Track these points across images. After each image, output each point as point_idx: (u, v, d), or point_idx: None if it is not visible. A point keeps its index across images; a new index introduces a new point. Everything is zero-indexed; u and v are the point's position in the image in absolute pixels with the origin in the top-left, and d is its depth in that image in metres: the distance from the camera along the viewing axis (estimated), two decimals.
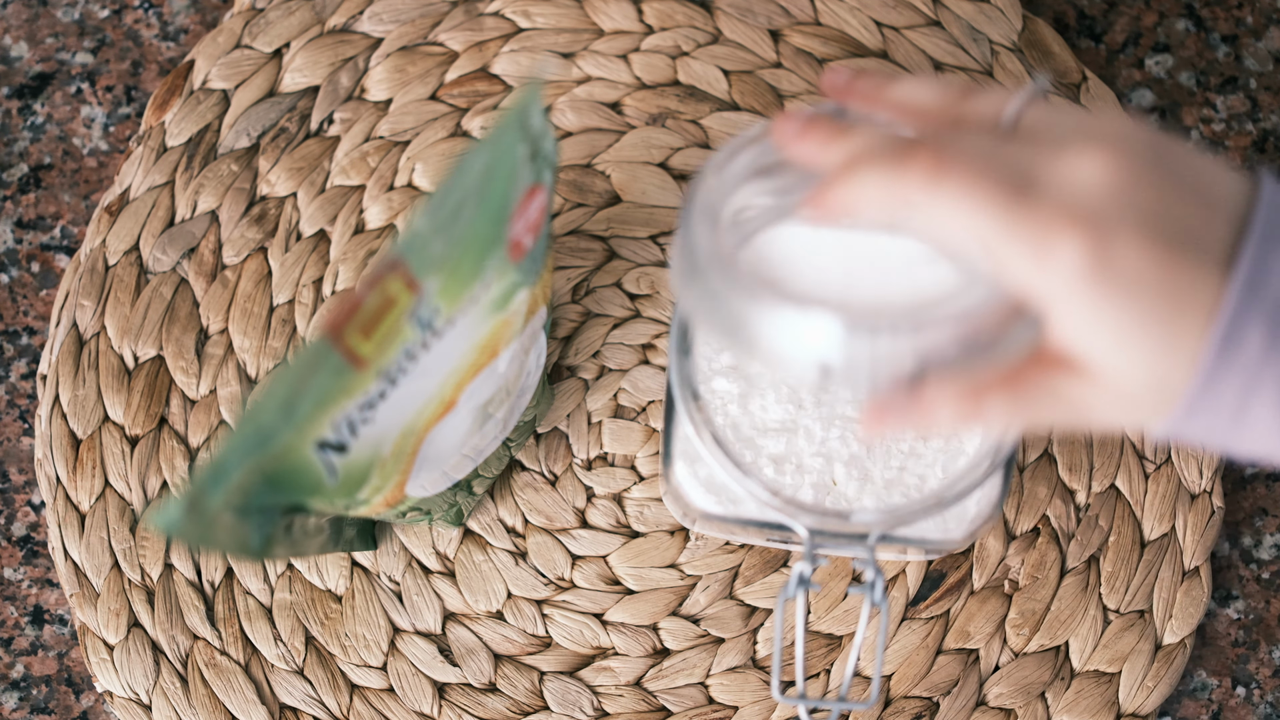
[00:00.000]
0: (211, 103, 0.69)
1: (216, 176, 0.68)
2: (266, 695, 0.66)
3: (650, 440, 0.67)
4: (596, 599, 0.66)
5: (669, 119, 0.69)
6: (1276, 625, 0.67)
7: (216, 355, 0.67)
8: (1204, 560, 0.66)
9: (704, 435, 0.54)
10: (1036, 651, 0.66)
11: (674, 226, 0.68)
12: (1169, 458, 0.67)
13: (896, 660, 0.66)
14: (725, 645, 0.66)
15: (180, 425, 0.67)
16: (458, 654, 0.66)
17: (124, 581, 0.66)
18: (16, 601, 0.67)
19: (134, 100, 0.70)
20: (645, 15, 0.69)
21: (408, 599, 0.66)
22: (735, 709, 0.66)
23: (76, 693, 0.67)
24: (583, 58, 0.69)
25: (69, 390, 0.67)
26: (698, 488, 0.57)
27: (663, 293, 0.68)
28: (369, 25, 0.69)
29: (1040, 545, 0.66)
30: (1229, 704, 0.66)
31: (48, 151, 0.69)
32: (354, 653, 0.66)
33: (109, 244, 0.68)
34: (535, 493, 0.67)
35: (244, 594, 0.66)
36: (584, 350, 0.67)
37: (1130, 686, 0.65)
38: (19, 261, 0.69)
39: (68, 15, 0.70)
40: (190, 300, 0.68)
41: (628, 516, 0.67)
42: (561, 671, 0.66)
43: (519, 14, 0.69)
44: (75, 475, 0.66)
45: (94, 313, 0.67)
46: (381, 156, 0.68)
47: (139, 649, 0.66)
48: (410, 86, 0.69)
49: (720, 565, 0.66)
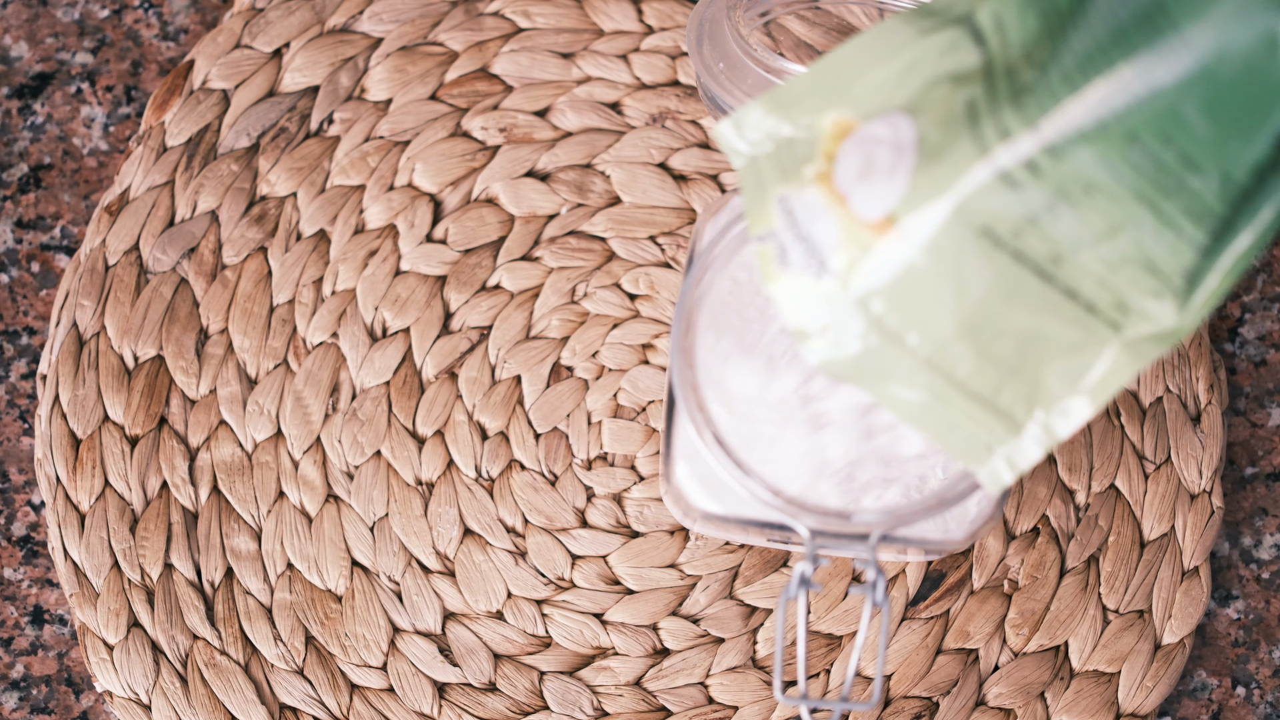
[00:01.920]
0: (211, 103, 0.69)
1: (216, 176, 0.68)
2: (266, 695, 0.66)
3: (650, 440, 0.67)
4: (596, 599, 0.66)
5: (669, 119, 0.69)
6: (1276, 625, 0.67)
7: (216, 355, 0.67)
8: (1204, 560, 0.66)
9: (705, 435, 0.54)
10: (1036, 651, 0.66)
11: (674, 226, 0.68)
12: (1169, 458, 0.67)
13: (896, 660, 0.66)
14: (725, 645, 0.66)
15: (180, 425, 0.67)
16: (458, 654, 0.66)
17: (124, 581, 0.66)
18: (16, 601, 0.67)
19: (134, 100, 0.70)
20: (645, 15, 0.69)
21: (407, 599, 0.66)
22: (735, 709, 0.66)
23: (76, 693, 0.67)
24: (583, 58, 0.69)
25: (69, 390, 0.67)
26: (698, 488, 0.57)
27: (663, 293, 0.68)
28: (369, 25, 0.69)
29: (1040, 545, 0.66)
30: (1229, 704, 0.66)
31: (48, 151, 0.69)
32: (354, 653, 0.66)
33: (109, 244, 0.68)
34: (535, 493, 0.67)
35: (244, 594, 0.66)
36: (584, 350, 0.67)
37: (1130, 686, 0.66)
38: (19, 261, 0.69)
39: (68, 15, 0.70)
40: (190, 300, 0.68)
41: (628, 516, 0.67)
42: (561, 671, 0.66)
43: (519, 14, 0.69)
44: (75, 475, 0.66)
45: (94, 313, 0.67)
46: (381, 156, 0.68)
47: (139, 649, 0.66)
48: (410, 86, 0.69)
49: (720, 565, 0.66)
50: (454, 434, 0.67)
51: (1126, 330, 0.46)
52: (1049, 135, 0.45)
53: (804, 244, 0.48)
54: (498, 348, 0.67)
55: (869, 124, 0.48)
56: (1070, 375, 0.47)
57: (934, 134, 0.46)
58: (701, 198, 0.68)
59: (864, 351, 0.48)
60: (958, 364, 0.48)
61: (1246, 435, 0.68)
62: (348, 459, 0.67)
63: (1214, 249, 0.45)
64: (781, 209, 0.49)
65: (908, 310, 0.48)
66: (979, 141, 0.46)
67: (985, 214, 0.46)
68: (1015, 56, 0.46)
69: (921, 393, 0.48)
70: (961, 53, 0.47)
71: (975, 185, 0.46)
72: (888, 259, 0.47)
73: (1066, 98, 0.45)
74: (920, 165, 0.46)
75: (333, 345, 0.67)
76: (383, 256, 0.68)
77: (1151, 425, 0.67)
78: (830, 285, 0.48)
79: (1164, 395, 0.67)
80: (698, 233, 0.60)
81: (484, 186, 0.68)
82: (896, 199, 0.47)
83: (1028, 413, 0.48)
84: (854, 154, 0.48)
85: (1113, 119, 0.44)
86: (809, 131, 0.48)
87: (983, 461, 0.49)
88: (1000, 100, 0.46)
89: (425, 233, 0.68)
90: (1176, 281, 0.45)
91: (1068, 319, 0.47)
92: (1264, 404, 0.68)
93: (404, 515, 0.66)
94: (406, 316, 0.67)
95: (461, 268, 0.68)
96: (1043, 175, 0.45)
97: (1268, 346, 0.68)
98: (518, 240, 0.68)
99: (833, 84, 0.48)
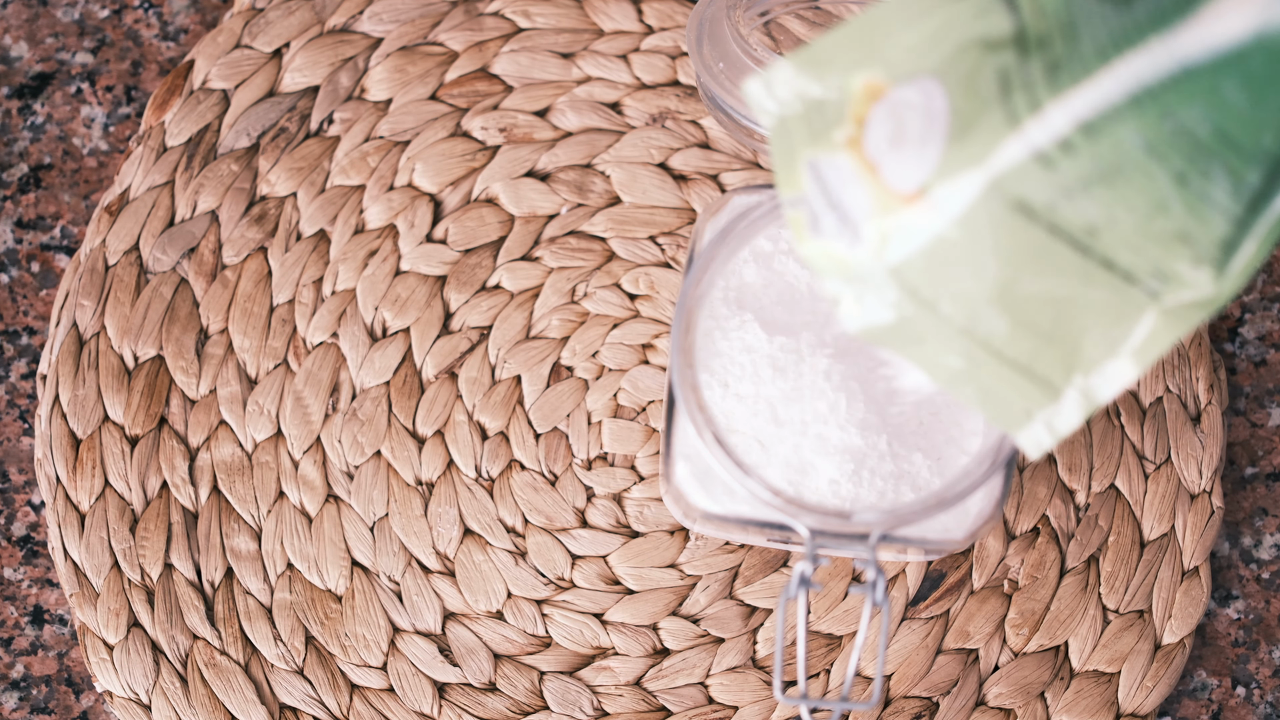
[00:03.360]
0: (211, 103, 0.69)
1: (216, 176, 0.68)
2: (266, 695, 0.66)
3: (650, 440, 0.67)
4: (596, 599, 0.66)
5: (669, 119, 0.69)
6: (1276, 625, 0.67)
7: (216, 355, 0.67)
8: (1204, 560, 0.66)
9: (705, 435, 0.54)
10: (1036, 651, 0.66)
11: (674, 226, 0.68)
12: (1169, 458, 0.67)
13: (896, 660, 0.66)
14: (725, 645, 0.66)
15: (180, 425, 0.67)
16: (458, 654, 0.66)
17: (124, 581, 0.66)
18: (16, 601, 0.67)
19: (134, 100, 0.70)
20: (645, 15, 0.69)
21: (407, 599, 0.66)
22: (735, 709, 0.66)
23: (76, 693, 0.67)
24: (583, 58, 0.69)
25: (69, 390, 0.67)
26: (698, 488, 0.57)
27: (663, 293, 0.68)
28: (369, 25, 0.69)
29: (1040, 545, 0.66)
30: (1229, 704, 0.66)
31: (48, 151, 0.69)
32: (354, 653, 0.66)
33: (109, 244, 0.68)
34: (535, 493, 0.67)
35: (244, 594, 0.66)
36: (584, 350, 0.67)
37: (1130, 686, 0.66)
38: (19, 261, 0.69)
39: (68, 15, 0.70)
40: (190, 300, 0.68)
41: (628, 516, 0.67)
42: (561, 671, 0.66)
43: (519, 14, 0.69)
44: (75, 475, 0.66)
45: (94, 313, 0.67)
46: (381, 156, 0.68)
47: (139, 649, 0.66)
48: (410, 86, 0.69)
49: (720, 565, 0.66)
50: (454, 434, 0.67)
51: (1165, 298, 0.46)
52: (1082, 111, 0.45)
53: (835, 211, 0.48)
54: (498, 348, 0.67)
55: (900, 88, 0.47)
56: (1110, 341, 0.47)
57: (964, 102, 0.46)
58: (701, 198, 0.68)
59: (899, 319, 0.48)
60: (993, 332, 0.47)
61: (1246, 435, 0.68)
62: (348, 459, 0.67)
63: (1247, 220, 0.45)
64: (811, 173, 0.48)
65: (941, 280, 0.47)
66: (1010, 113, 0.45)
67: (1020, 190, 0.46)
68: (1050, 26, 0.46)
69: (958, 359, 0.48)
70: (994, 17, 0.46)
71: (1010, 163, 0.45)
72: (920, 229, 0.47)
73: (1099, 71, 0.44)
74: (952, 135, 0.46)
75: (333, 345, 0.67)
76: (383, 256, 0.68)
77: (1151, 425, 0.67)
78: (863, 254, 0.48)
79: (1164, 395, 0.67)
80: (698, 233, 0.60)
81: (484, 186, 0.68)
82: (929, 171, 0.46)
83: (1066, 378, 0.48)
84: (885, 120, 0.47)
85: (1147, 95, 0.44)
86: (839, 93, 0.48)
87: (1021, 426, 0.48)
88: (1032, 70, 0.45)
89: (425, 233, 0.68)
90: (1213, 251, 0.45)
91: (1105, 288, 0.46)
92: (1264, 404, 0.68)
93: (404, 515, 0.66)
94: (406, 316, 0.67)
95: (461, 268, 0.68)
96: (1078, 154, 0.45)
97: (1268, 346, 0.68)
98: (518, 240, 0.68)
99: (864, 43, 0.47)
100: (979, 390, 0.48)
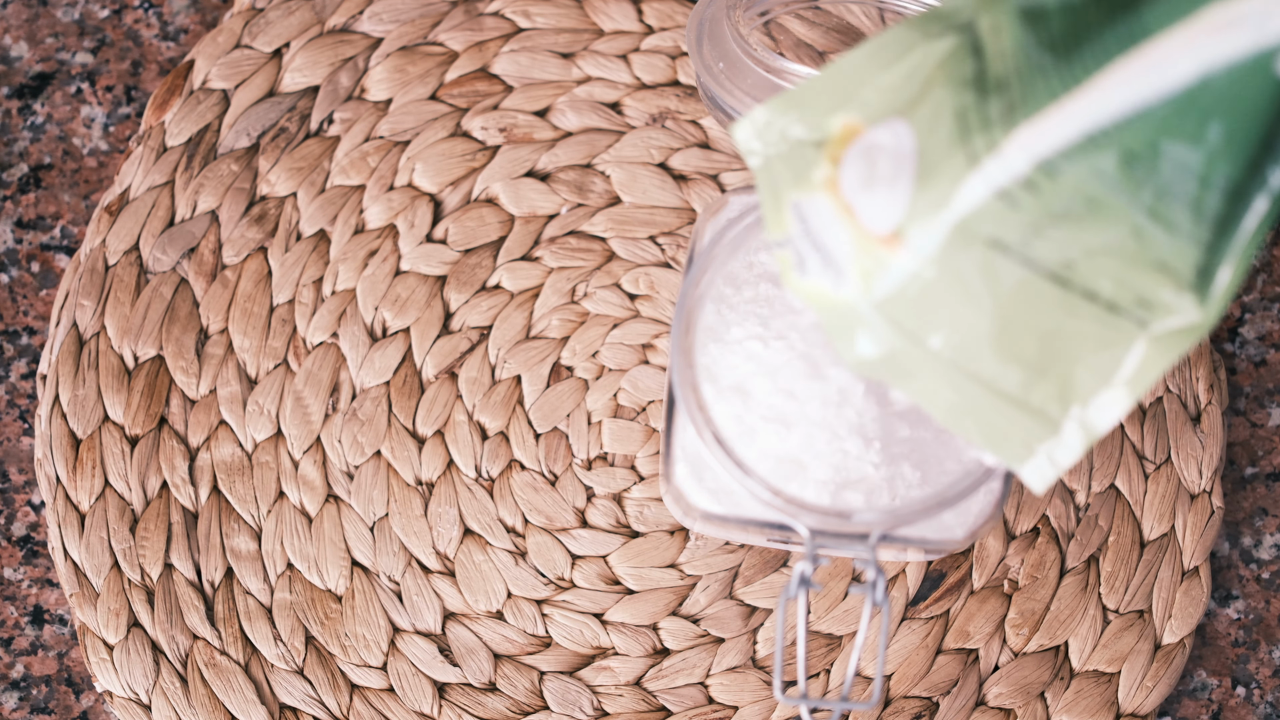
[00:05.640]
0: (211, 103, 0.69)
1: (216, 176, 0.68)
2: (266, 695, 0.66)
3: (650, 440, 0.67)
4: (596, 599, 0.66)
5: (669, 119, 0.69)
6: (1276, 625, 0.67)
7: (216, 355, 0.67)
8: (1204, 560, 0.66)
9: (705, 435, 0.54)
10: (1036, 651, 0.66)
11: (674, 226, 0.68)
12: (1169, 458, 0.67)
13: (896, 660, 0.66)
14: (725, 645, 0.66)
15: (180, 425, 0.67)
16: (458, 654, 0.66)
17: (124, 581, 0.66)
18: (16, 601, 0.67)
19: (134, 100, 0.70)
20: (645, 15, 0.69)
21: (407, 599, 0.66)
22: (735, 709, 0.66)
23: (76, 693, 0.67)
24: (582, 58, 0.69)
25: (69, 390, 0.67)
26: (698, 488, 0.57)
27: (663, 293, 0.68)
28: (369, 25, 0.69)
29: (1040, 545, 0.66)
30: (1229, 704, 0.66)
31: (48, 151, 0.69)
32: (354, 652, 0.66)
33: (109, 244, 0.68)
34: (535, 492, 0.67)
35: (244, 594, 0.66)
36: (584, 350, 0.67)
37: (1130, 686, 0.66)
38: (19, 261, 0.69)
39: (68, 15, 0.70)
40: (190, 300, 0.68)
41: (628, 516, 0.67)
42: (561, 671, 0.66)
43: (519, 14, 0.69)
44: (75, 475, 0.66)
45: (94, 313, 0.67)
46: (381, 156, 0.68)
47: (139, 649, 0.66)
48: (410, 86, 0.69)
49: (720, 565, 0.66)
50: (454, 434, 0.67)
51: (1153, 326, 0.47)
52: (1040, 150, 0.46)
53: (819, 253, 0.48)
54: (498, 348, 0.67)
55: (873, 130, 0.48)
56: (1102, 371, 0.47)
57: (930, 143, 0.47)
58: (701, 198, 0.68)
59: (890, 353, 0.49)
60: (983, 366, 0.48)
61: (1246, 435, 0.68)
62: (348, 459, 0.67)
63: (1218, 244, 0.45)
64: (796, 214, 0.49)
65: (927, 316, 0.48)
66: (970, 154, 0.46)
67: (989, 230, 0.46)
68: (1007, 69, 0.46)
69: (952, 392, 0.49)
70: (960, 61, 0.47)
71: (973, 204, 0.46)
72: (899, 269, 0.47)
73: (1051, 110, 0.45)
74: (919, 176, 0.47)
75: (333, 345, 0.67)
76: (383, 256, 0.68)
77: (1151, 425, 0.67)
78: (849, 291, 0.48)
79: (1164, 395, 0.67)
80: (698, 233, 0.60)
81: (484, 186, 0.68)
82: (901, 213, 0.47)
83: (1063, 410, 0.48)
84: (858, 161, 0.48)
85: (1101, 135, 0.45)
86: (818, 134, 0.48)
87: (1023, 460, 0.49)
88: (990, 113, 0.46)
89: (425, 233, 0.68)
90: (1191, 277, 0.46)
91: (1090, 319, 0.47)
92: (1264, 404, 0.68)
93: (404, 515, 0.66)
94: (406, 316, 0.67)
95: (461, 268, 0.68)
96: (1041, 191, 0.46)
97: (1268, 346, 0.68)
98: (518, 240, 0.68)
99: (843, 85, 0.48)
100: (977, 423, 0.49)
